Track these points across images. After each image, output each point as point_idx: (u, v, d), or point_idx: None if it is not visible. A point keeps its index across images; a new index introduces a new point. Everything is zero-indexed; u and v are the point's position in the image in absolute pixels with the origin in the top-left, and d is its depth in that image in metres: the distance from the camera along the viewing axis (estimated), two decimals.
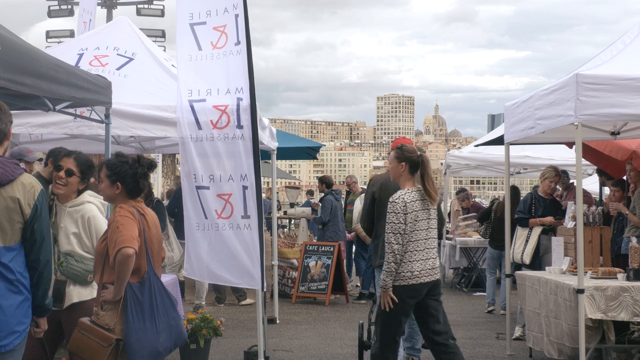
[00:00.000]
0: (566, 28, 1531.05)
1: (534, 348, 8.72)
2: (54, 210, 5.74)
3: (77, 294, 5.65)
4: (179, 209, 10.35)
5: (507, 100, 9.61)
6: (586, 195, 12.09)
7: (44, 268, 4.40)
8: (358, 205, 14.32)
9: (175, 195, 12.02)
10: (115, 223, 5.00)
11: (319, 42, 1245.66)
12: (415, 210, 6.61)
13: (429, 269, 6.66)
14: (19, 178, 4.31)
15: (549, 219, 10.19)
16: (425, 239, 6.69)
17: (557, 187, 10.72)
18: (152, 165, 5.31)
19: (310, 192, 25.16)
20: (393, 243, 6.52)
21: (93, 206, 5.79)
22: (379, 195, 8.25)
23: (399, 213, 6.55)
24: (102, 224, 5.69)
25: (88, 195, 5.83)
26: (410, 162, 6.77)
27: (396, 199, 6.62)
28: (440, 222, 8.14)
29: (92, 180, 6.02)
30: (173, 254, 10.23)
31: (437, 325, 6.76)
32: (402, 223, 6.53)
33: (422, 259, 6.64)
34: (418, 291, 6.62)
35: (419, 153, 6.86)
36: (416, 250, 6.62)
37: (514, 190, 12.85)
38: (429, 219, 6.73)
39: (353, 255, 15.40)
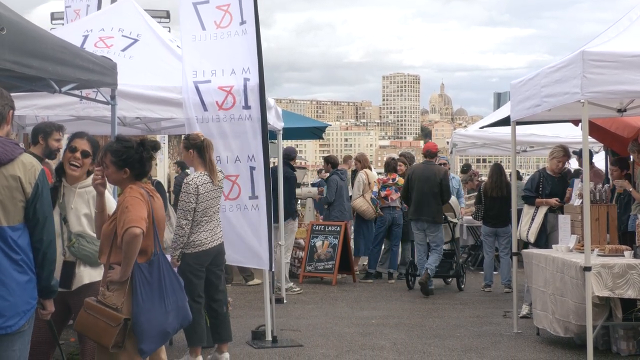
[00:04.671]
0: (569, 5, 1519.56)
1: (539, 326, 8.74)
2: (61, 191, 5.73)
3: (87, 275, 5.65)
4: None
5: (512, 78, 9.57)
6: (598, 172, 12.08)
7: (48, 248, 4.38)
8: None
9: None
10: (124, 203, 5.02)
11: (319, 22, 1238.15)
12: (208, 191, 7.38)
13: (215, 235, 7.49)
14: (19, 157, 4.29)
15: (554, 201, 10.16)
16: (215, 213, 7.53)
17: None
18: (155, 147, 5.33)
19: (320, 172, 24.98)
20: (182, 219, 7.29)
21: None
22: (412, 178, 12.33)
23: (190, 194, 7.29)
24: (113, 205, 5.70)
25: None
26: (196, 148, 7.44)
27: (189, 181, 7.36)
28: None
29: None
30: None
31: (217, 294, 7.69)
32: (192, 202, 7.28)
33: (210, 229, 7.44)
34: (204, 258, 7.44)
35: (202, 138, 7.51)
36: (207, 223, 7.41)
37: (498, 168, 13.07)
38: (219, 196, 7.58)
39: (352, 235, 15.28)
